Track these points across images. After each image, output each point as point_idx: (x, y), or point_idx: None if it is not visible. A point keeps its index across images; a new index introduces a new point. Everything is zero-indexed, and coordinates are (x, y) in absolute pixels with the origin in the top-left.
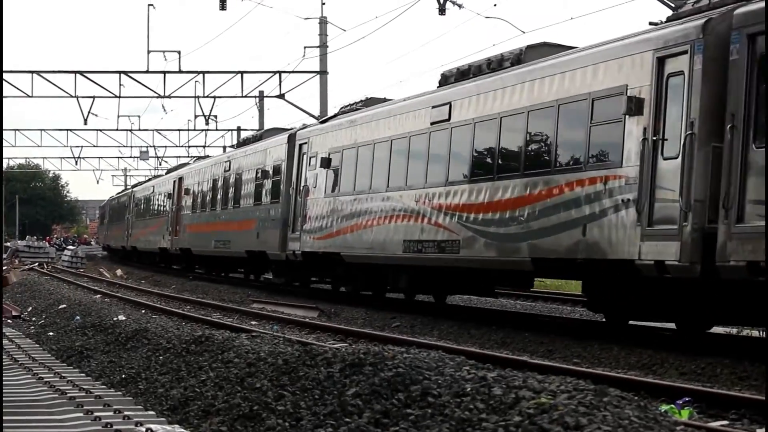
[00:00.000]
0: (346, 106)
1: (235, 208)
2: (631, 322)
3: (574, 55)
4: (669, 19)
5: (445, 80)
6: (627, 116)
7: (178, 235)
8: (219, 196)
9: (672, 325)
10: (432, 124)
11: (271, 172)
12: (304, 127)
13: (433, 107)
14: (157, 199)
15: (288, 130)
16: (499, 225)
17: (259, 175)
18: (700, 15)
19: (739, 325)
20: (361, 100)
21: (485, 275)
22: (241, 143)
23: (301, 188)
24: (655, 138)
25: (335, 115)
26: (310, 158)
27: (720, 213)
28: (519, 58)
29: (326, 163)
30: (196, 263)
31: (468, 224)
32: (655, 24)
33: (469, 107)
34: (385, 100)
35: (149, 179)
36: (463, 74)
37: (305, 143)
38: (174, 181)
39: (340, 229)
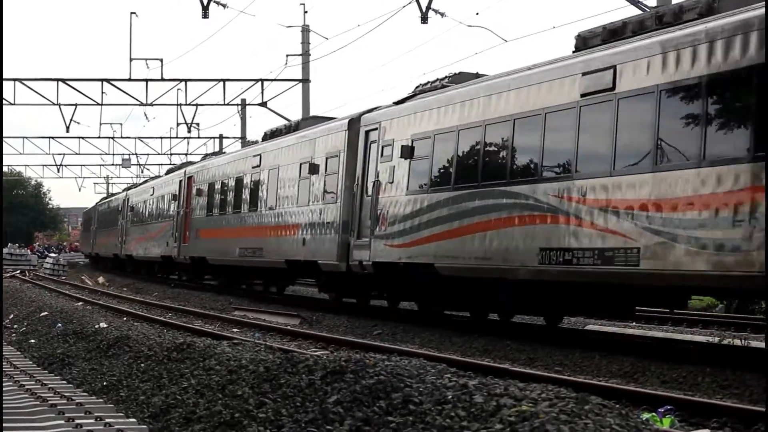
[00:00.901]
0: (426, 84)
1: (271, 210)
2: None
3: None
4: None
5: (593, 40)
6: None
7: (187, 242)
8: (246, 197)
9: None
10: (584, 96)
11: (322, 167)
12: (371, 110)
13: (586, 74)
14: (159, 202)
15: (331, 119)
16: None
17: (304, 170)
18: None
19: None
20: (449, 76)
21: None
22: (272, 135)
23: (370, 184)
24: None
25: (414, 95)
26: (382, 147)
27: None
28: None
29: (408, 152)
30: (210, 274)
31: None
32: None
33: (651, 70)
34: (478, 75)
35: (146, 181)
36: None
37: (374, 129)
38: (180, 181)
39: (434, 234)
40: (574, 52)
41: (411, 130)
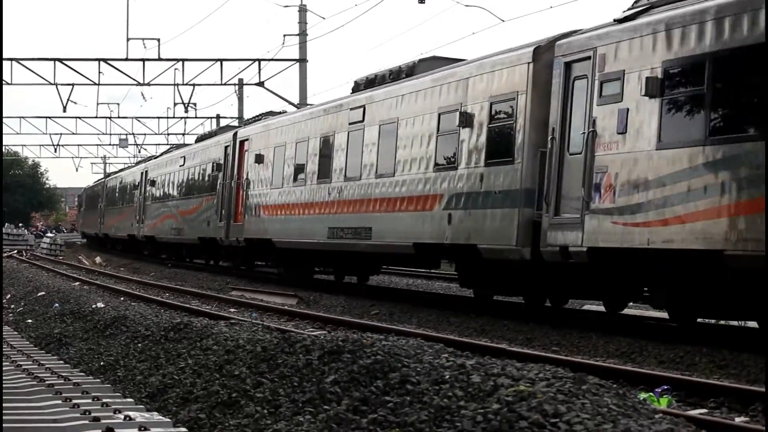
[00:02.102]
0: None
1: (385, 178)
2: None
3: None
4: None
5: None
6: None
7: (240, 221)
8: (339, 162)
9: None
10: None
11: (482, 116)
12: (567, 34)
13: None
14: (194, 174)
15: (456, 61)
16: None
17: (447, 122)
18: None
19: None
20: None
21: None
22: (369, 84)
23: (578, 138)
24: None
25: (653, 5)
26: (601, 84)
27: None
28: None
29: (657, 87)
30: (272, 260)
31: None
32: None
33: None
34: None
35: (167, 151)
36: None
37: (582, 59)
38: (227, 147)
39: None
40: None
41: (660, 55)
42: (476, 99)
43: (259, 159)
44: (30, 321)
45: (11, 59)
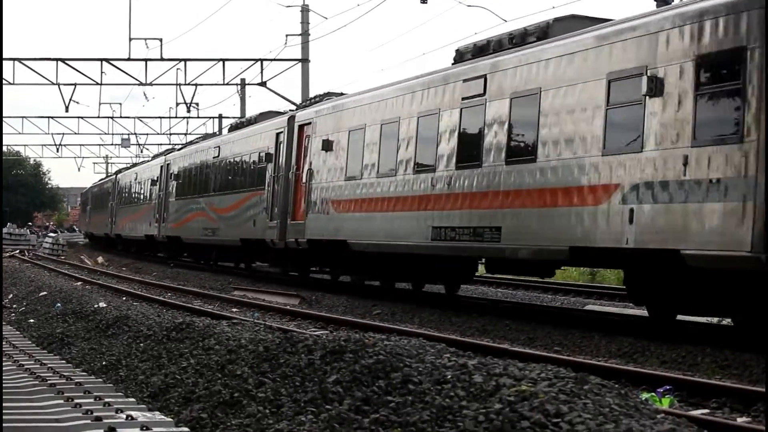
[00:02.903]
0: None
1: (518, 164)
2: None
3: None
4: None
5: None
6: None
7: (300, 219)
8: (448, 148)
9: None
10: None
11: (692, 81)
12: None
13: None
14: (233, 166)
15: (599, 21)
16: None
17: (623, 92)
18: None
19: None
20: None
21: None
22: (481, 50)
23: None
24: None
25: None
26: None
27: None
28: None
29: None
30: (342, 265)
31: None
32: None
33: None
34: None
35: (190, 143)
36: None
37: None
38: (278, 134)
39: None
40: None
41: None
42: (674, 58)
43: (327, 145)
44: (32, 321)
45: (14, 59)
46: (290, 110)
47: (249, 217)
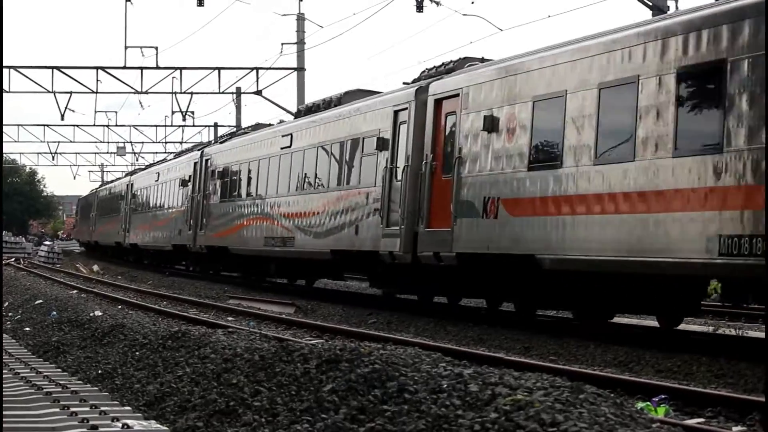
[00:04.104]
0: None
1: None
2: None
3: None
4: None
5: None
6: None
7: (442, 226)
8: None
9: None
10: None
11: None
12: None
13: None
14: (321, 157)
15: None
16: None
17: None
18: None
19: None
20: None
21: None
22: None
23: None
24: None
25: None
26: None
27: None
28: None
29: None
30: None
31: None
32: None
33: None
34: None
35: (243, 132)
36: None
37: None
38: (396, 111)
39: None
40: None
41: None
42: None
43: (492, 124)
44: (28, 329)
45: (9, 67)
46: (413, 81)
47: (347, 222)
